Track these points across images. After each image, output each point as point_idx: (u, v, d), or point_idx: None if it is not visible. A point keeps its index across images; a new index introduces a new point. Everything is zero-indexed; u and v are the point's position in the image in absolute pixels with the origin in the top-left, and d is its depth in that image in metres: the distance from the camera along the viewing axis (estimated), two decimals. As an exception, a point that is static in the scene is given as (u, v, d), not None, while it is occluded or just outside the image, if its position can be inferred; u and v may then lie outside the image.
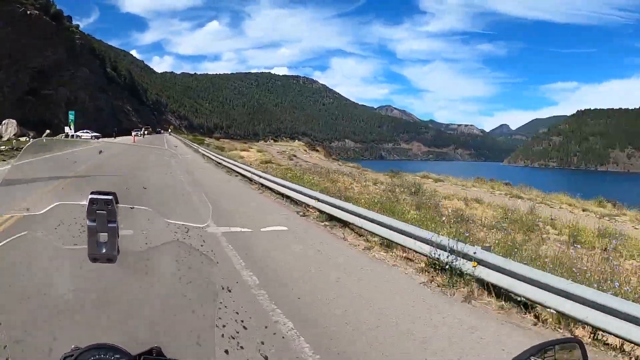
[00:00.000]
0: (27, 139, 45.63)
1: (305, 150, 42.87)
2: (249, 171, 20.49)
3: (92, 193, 0.98)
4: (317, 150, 42.35)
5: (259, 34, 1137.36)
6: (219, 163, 28.35)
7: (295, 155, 36.89)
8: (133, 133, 76.15)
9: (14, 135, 53.45)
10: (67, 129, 63.50)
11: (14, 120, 55.89)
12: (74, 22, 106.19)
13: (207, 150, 36.70)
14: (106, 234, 0.99)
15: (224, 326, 3.60)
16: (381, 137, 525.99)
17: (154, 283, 1.17)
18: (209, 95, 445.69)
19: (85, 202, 0.98)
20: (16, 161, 1.10)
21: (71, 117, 59.65)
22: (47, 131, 61.23)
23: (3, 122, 55.13)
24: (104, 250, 0.99)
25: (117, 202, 1.00)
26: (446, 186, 27.80)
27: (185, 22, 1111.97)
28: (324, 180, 21.29)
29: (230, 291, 5.08)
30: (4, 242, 0.98)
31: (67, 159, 1.27)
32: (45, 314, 1.10)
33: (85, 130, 70.30)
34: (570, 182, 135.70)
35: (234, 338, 3.72)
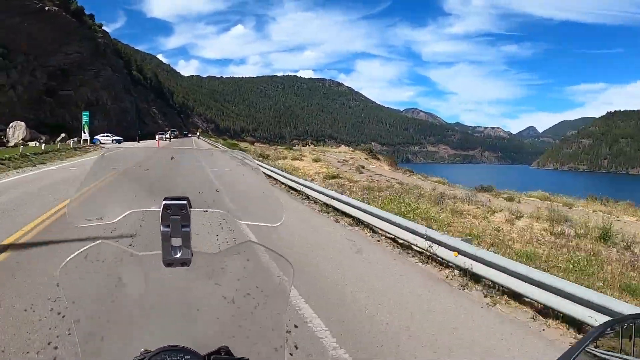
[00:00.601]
0: (38, 144, 38.64)
1: (366, 159, 34.62)
2: (331, 196, 12.85)
3: (165, 199, 0.99)
4: (378, 159, 34.18)
5: (284, 37, 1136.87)
6: (269, 176, 19.99)
7: (362, 167, 28.60)
8: (157, 136, 69.11)
9: (22, 139, 46.31)
10: (86, 132, 56.05)
11: (23, 123, 48.86)
12: (98, 22, 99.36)
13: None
14: (180, 238, 1.00)
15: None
16: (407, 140, 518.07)
17: (226, 284, 1.16)
18: (235, 99, 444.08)
19: (159, 208, 0.99)
20: (89, 172, 1.10)
21: (85, 118, 51.73)
22: (62, 135, 54.13)
23: (11, 125, 48.09)
24: (178, 255, 1.00)
25: (190, 207, 1.00)
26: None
27: (211, 26, 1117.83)
28: (444, 213, 13.59)
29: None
30: (79, 251, 0.99)
31: (140, 167, 1.29)
32: (117, 319, 1.13)
33: (105, 134, 63.25)
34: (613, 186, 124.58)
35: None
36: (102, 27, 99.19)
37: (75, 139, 48.41)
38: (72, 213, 1.08)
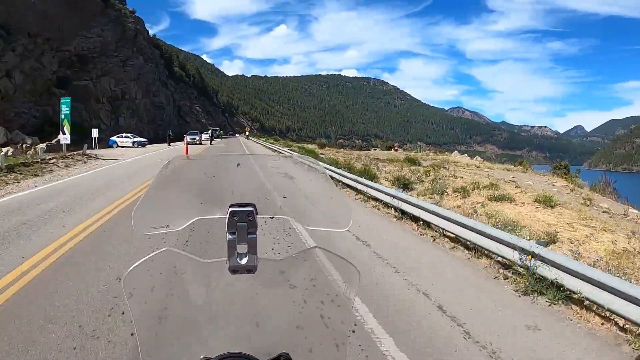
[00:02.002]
0: (8, 154, 23.56)
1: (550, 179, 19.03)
2: None
3: (231, 206, 0.98)
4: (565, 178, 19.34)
5: (327, 36, 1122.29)
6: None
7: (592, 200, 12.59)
8: (186, 138, 47.83)
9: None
10: (95, 131, 41.06)
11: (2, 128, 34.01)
12: (130, 8, 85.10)
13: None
14: (246, 245, 0.99)
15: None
16: (453, 140, 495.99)
17: (290, 291, 1.15)
18: (280, 98, 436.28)
19: (225, 215, 0.98)
20: (154, 180, 1.11)
21: (65, 109, 32.97)
22: (61, 135, 39.22)
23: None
24: (243, 262, 0.99)
25: (257, 213, 0.99)
26: None
27: (254, 26, 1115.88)
28: None
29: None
30: (145, 258, 1.00)
31: (205, 174, 1.27)
32: (179, 326, 1.14)
33: (125, 135, 47.94)
34: None
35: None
36: (134, 14, 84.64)
37: (44, 146, 32.49)
38: (138, 221, 1.05)
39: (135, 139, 46.41)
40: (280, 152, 38.00)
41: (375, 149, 72.64)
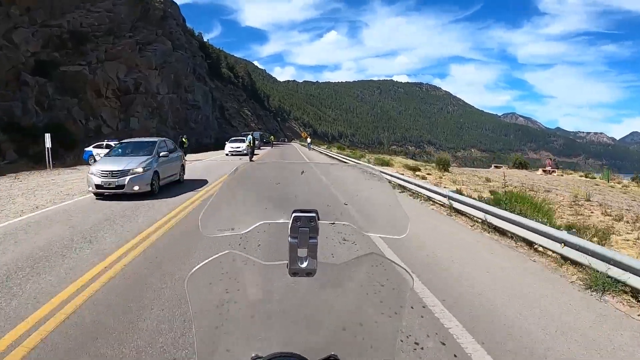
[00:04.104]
0: None
1: None
2: None
3: (294, 211, 1.00)
4: None
5: (377, 42, 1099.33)
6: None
7: None
8: (228, 147, 39.96)
9: None
10: (48, 139, 23.09)
11: None
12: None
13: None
14: (306, 249, 1.00)
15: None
16: (507, 146, 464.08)
17: (346, 295, 1.17)
18: (331, 103, 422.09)
19: (288, 220, 1.00)
20: (223, 185, 1.17)
21: None
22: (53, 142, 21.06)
23: None
24: (304, 265, 1.01)
25: (318, 219, 1.01)
26: None
27: (304, 33, 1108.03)
28: None
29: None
30: (208, 260, 1.02)
31: (270, 180, 1.31)
32: (235, 325, 1.17)
33: (107, 143, 29.05)
34: None
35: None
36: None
37: None
38: (205, 224, 1.08)
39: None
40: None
41: (492, 167, 52.60)
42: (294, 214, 0.99)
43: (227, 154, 38.53)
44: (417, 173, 24.28)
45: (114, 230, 8.65)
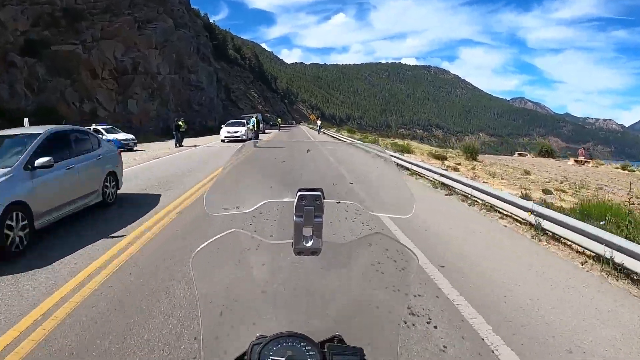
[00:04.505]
0: None
1: None
2: None
3: (299, 190, 0.99)
4: None
5: (386, 25, 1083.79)
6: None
7: None
8: (224, 131, 33.58)
9: None
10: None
11: None
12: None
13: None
14: (311, 228, 0.99)
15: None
16: (515, 131, 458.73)
17: (350, 275, 1.16)
18: (339, 86, 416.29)
19: (293, 199, 0.98)
20: (227, 164, 1.14)
21: None
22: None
23: None
24: (309, 244, 0.99)
25: (324, 198, 0.99)
26: None
27: (312, 15, 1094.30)
28: None
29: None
30: (212, 239, 1.01)
31: (275, 159, 1.31)
32: (240, 305, 1.16)
33: (101, 125, 26.39)
34: None
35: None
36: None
37: None
38: (210, 203, 1.06)
39: (113, 137, 24.59)
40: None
41: (516, 154, 48.95)
42: (299, 193, 0.97)
43: (222, 140, 32.67)
44: (446, 163, 21.27)
45: None
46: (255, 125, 35.74)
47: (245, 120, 35.89)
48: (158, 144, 30.91)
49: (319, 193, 0.97)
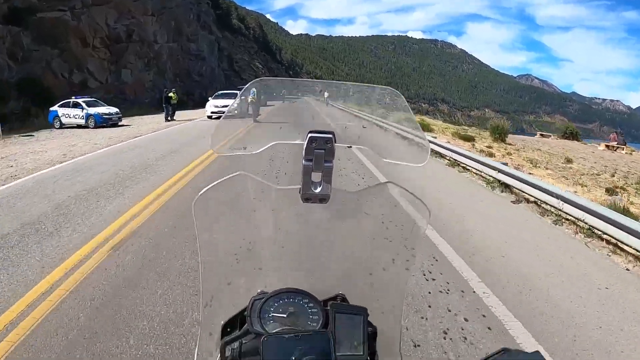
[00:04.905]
0: None
1: None
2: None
3: (310, 132, 0.93)
4: None
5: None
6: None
7: None
8: (210, 105, 27.32)
9: None
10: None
11: None
12: None
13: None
14: (320, 173, 0.93)
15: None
16: (522, 108, 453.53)
17: (358, 227, 1.11)
18: (344, 58, 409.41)
19: (303, 141, 0.93)
20: (236, 100, 1.05)
21: None
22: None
23: None
24: (317, 190, 0.94)
25: (335, 141, 0.94)
26: None
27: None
28: None
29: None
30: (217, 181, 0.97)
31: (284, 103, 1.33)
32: (242, 256, 1.11)
33: (75, 100, 22.92)
34: None
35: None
36: None
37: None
38: (216, 142, 1.01)
39: (93, 111, 22.57)
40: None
41: (538, 135, 45.18)
42: (309, 135, 0.92)
43: (209, 116, 26.67)
44: (477, 146, 18.83)
45: None
46: (257, 96, 32.64)
47: (238, 93, 30.00)
48: (150, 117, 28.56)
49: (330, 135, 0.92)
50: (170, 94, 26.52)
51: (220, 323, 1.02)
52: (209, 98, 28.69)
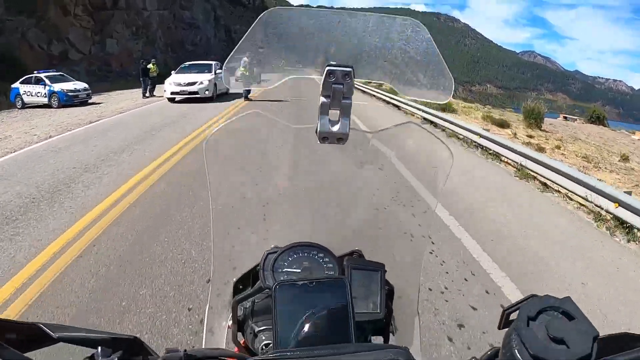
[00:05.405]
0: None
1: None
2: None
3: (328, 65, 0.87)
4: None
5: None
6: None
7: None
8: (171, 82, 19.56)
9: None
10: None
11: None
12: None
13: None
14: (338, 111, 0.88)
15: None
16: (524, 85, 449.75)
17: (376, 172, 1.07)
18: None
19: (320, 76, 0.88)
20: (249, 32, 0.97)
21: None
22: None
23: None
24: (335, 129, 0.88)
25: (354, 76, 0.88)
26: None
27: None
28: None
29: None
30: (231, 119, 0.94)
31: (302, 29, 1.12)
32: (255, 208, 1.06)
33: (37, 75, 19.54)
34: None
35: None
36: None
37: None
38: (228, 75, 0.97)
39: (57, 88, 19.25)
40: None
41: (561, 117, 41.51)
42: (327, 68, 0.86)
43: (169, 99, 19.74)
44: (518, 137, 15.74)
45: None
46: (248, 70, 28.54)
47: (213, 64, 21.31)
48: (129, 92, 25.49)
49: (349, 69, 0.85)
50: (150, 65, 23.04)
51: (232, 281, 1.00)
52: (172, 72, 21.27)
